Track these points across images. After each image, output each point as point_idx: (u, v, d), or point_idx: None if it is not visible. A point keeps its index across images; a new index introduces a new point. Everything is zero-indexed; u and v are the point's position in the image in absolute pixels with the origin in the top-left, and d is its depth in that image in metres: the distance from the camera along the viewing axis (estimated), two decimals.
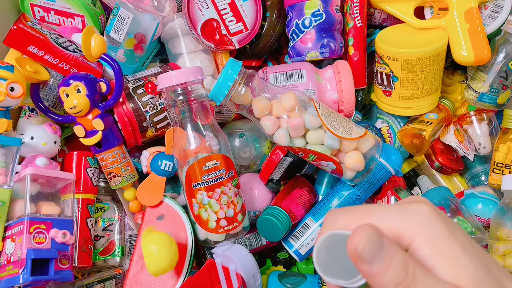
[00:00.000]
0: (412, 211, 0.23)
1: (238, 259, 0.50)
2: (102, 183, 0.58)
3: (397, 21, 0.60)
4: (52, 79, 0.54)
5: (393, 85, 0.58)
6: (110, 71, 0.55)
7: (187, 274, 0.50)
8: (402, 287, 0.21)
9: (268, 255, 0.64)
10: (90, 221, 0.54)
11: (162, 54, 0.64)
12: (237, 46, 0.59)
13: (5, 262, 0.46)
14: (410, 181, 0.68)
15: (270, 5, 0.60)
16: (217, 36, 0.58)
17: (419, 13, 0.59)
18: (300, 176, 0.61)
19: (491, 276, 0.22)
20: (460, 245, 0.22)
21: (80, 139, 0.52)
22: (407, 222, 0.23)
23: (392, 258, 0.21)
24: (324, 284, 0.55)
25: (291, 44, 0.60)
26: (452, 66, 0.65)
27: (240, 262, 0.49)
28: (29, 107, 0.55)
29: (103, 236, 0.55)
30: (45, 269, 0.45)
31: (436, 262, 0.22)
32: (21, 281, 0.44)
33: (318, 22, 0.58)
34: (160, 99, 0.55)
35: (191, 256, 0.51)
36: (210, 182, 0.50)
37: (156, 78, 0.55)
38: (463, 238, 0.23)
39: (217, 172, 0.50)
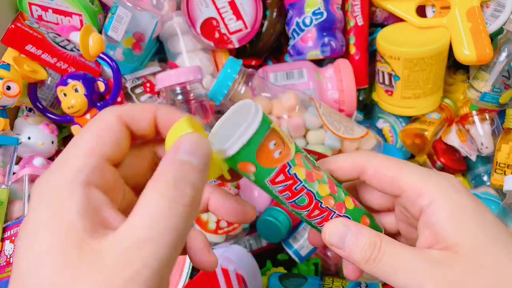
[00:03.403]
0: (442, 176, 0.26)
1: (238, 259, 0.49)
2: None
3: (399, 19, 0.60)
4: (50, 78, 0.53)
5: (394, 85, 0.58)
6: (108, 70, 0.55)
7: (187, 278, 0.50)
8: (370, 260, 0.25)
9: (268, 256, 0.63)
10: None
11: (161, 53, 0.63)
12: (236, 45, 0.59)
13: (5, 264, 0.46)
14: None
15: (270, 3, 0.59)
16: (217, 35, 0.58)
17: (420, 11, 0.59)
18: None
19: (499, 244, 0.23)
20: (477, 217, 0.24)
21: None
22: (433, 186, 0.25)
23: (359, 240, 0.25)
24: (324, 285, 0.55)
25: (292, 43, 0.60)
26: (454, 65, 0.65)
27: (240, 262, 0.49)
28: (26, 107, 0.55)
29: None
30: None
31: (447, 225, 0.24)
32: None
33: (318, 20, 0.57)
34: (159, 98, 0.54)
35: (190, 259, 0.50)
36: (209, 183, 0.49)
37: (154, 77, 0.55)
38: (485, 214, 0.24)
39: None
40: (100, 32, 0.58)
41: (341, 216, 0.27)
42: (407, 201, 0.26)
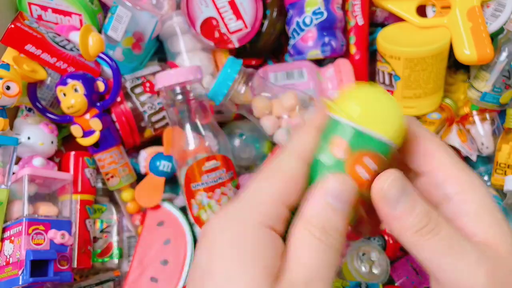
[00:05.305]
0: (472, 171, 0.24)
1: None
2: (101, 184, 0.57)
3: (399, 19, 0.60)
4: (49, 78, 0.53)
5: (395, 84, 0.58)
6: (108, 70, 0.55)
7: (187, 278, 0.50)
8: (424, 231, 0.21)
9: None
10: (89, 222, 0.53)
11: (160, 52, 0.63)
12: (236, 45, 0.59)
13: (4, 264, 0.46)
14: None
15: (270, 3, 0.59)
16: (217, 35, 0.58)
17: (421, 11, 0.59)
18: None
19: None
20: (503, 218, 0.23)
21: (78, 139, 0.51)
22: (466, 176, 0.23)
23: (416, 204, 0.22)
24: None
25: (292, 43, 0.60)
26: (454, 65, 0.65)
27: None
28: (26, 107, 0.54)
29: (101, 238, 0.55)
30: (44, 270, 0.45)
31: (479, 218, 0.22)
32: (20, 283, 0.43)
33: (319, 20, 0.57)
34: (159, 98, 0.54)
35: (190, 261, 0.51)
36: (209, 182, 0.49)
37: (154, 77, 0.55)
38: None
39: (217, 173, 0.50)
40: (100, 32, 0.58)
41: None
42: (430, 183, 0.24)
